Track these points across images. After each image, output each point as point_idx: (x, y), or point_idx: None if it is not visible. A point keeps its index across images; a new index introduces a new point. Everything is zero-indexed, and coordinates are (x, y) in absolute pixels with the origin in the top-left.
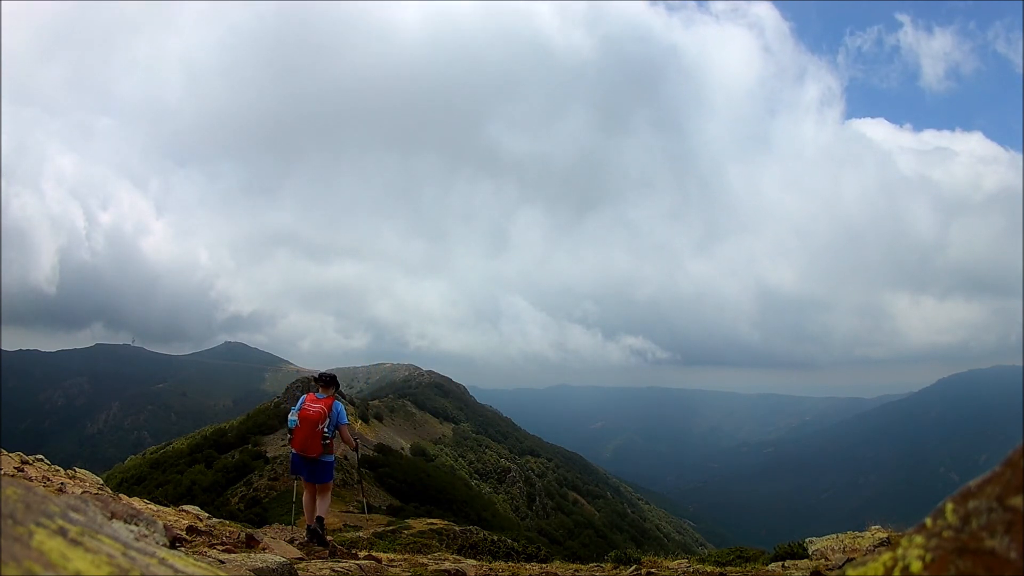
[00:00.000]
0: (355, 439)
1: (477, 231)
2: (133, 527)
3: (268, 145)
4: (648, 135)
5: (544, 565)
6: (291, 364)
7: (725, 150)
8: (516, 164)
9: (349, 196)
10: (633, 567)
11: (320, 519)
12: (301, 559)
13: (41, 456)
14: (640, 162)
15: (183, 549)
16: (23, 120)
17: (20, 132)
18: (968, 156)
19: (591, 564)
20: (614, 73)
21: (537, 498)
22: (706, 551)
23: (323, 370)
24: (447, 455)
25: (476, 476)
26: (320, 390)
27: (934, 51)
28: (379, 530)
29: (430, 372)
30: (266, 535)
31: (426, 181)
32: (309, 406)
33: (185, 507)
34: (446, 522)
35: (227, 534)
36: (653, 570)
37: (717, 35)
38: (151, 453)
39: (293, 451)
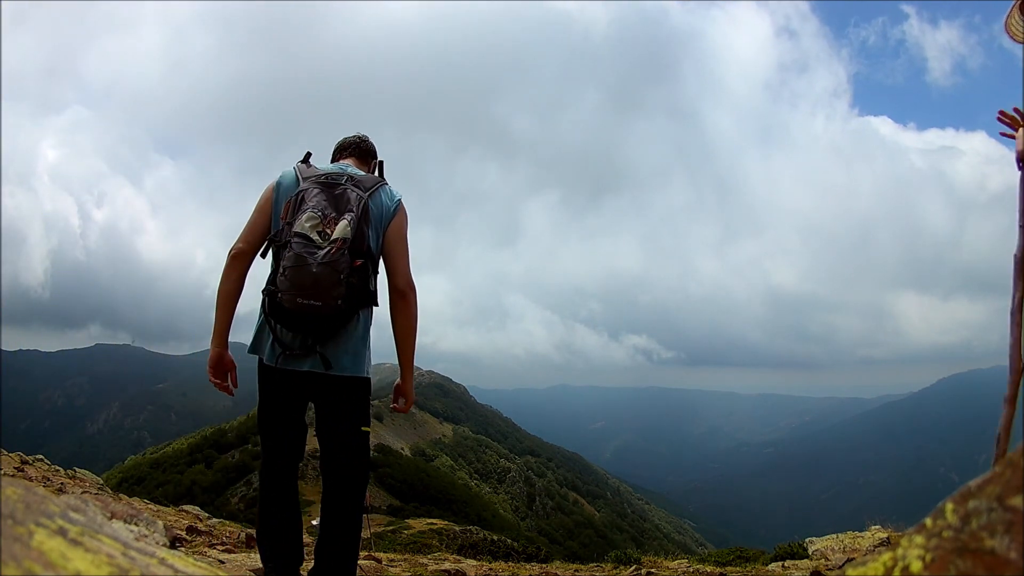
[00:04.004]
0: None
1: (481, 221)
2: (133, 527)
3: (258, 129)
4: (661, 120)
5: (544, 565)
6: None
7: (735, 140)
8: (525, 147)
9: None
10: (633, 567)
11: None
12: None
13: (41, 456)
14: (652, 150)
15: (183, 549)
16: (8, 114)
17: (10, 128)
18: (974, 155)
19: (591, 564)
20: (627, 51)
21: (537, 498)
22: (706, 551)
23: None
24: (447, 455)
25: (476, 476)
26: None
27: (940, 45)
28: (379, 530)
29: (430, 372)
30: None
31: (429, 165)
32: None
33: (185, 507)
34: (446, 522)
35: (227, 534)
36: (653, 570)
37: (733, 17)
38: (151, 453)
39: None
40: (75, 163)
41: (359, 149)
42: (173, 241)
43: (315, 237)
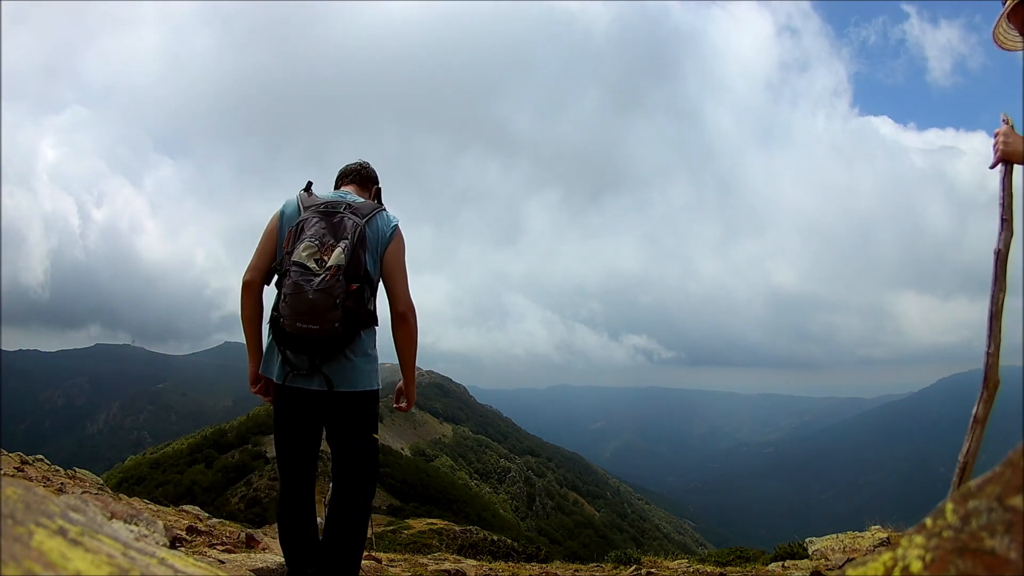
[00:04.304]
0: None
1: (482, 220)
2: (133, 527)
3: (258, 128)
4: (661, 119)
5: (544, 565)
6: None
7: (736, 139)
8: (526, 146)
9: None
10: (633, 567)
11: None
12: None
13: (41, 456)
14: (652, 149)
15: (183, 549)
16: (7, 113)
17: (10, 128)
18: (974, 155)
19: (591, 564)
20: (628, 50)
21: (537, 498)
22: (706, 551)
23: None
24: (447, 455)
25: (476, 476)
26: None
27: (940, 44)
28: (379, 530)
29: (430, 372)
30: (266, 535)
31: (429, 164)
32: None
33: (185, 507)
34: (446, 522)
35: (227, 534)
36: (653, 570)
37: (734, 15)
38: (151, 453)
39: None
40: (74, 163)
41: (360, 176)
42: (173, 241)
43: (312, 265)
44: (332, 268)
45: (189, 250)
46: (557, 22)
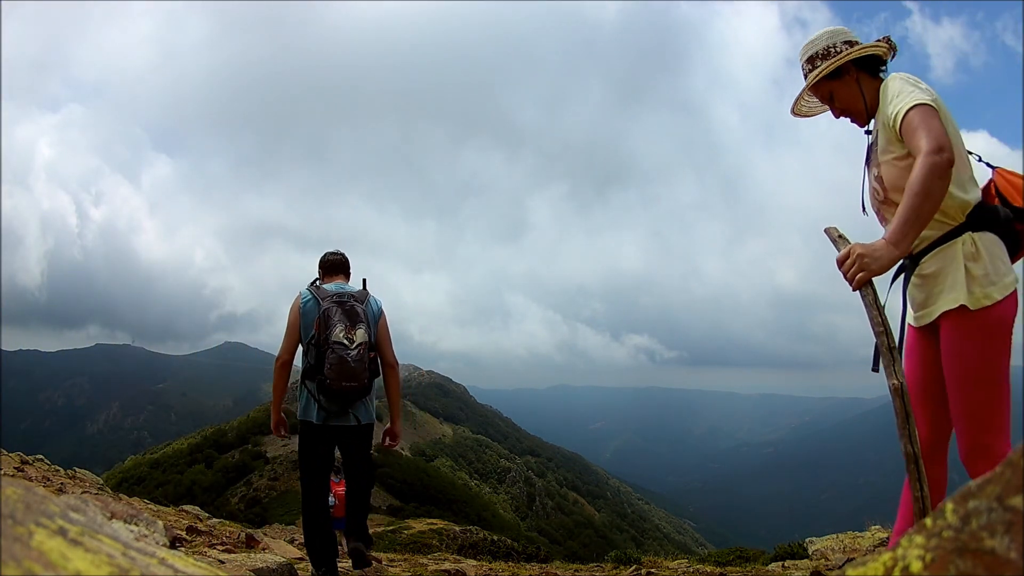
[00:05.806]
0: None
1: (484, 216)
2: (133, 527)
3: (257, 122)
4: (666, 114)
5: (544, 565)
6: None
7: (741, 136)
8: (530, 139)
9: (346, 181)
10: (633, 567)
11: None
12: (301, 559)
13: (41, 456)
14: (657, 145)
15: (183, 549)
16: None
17: (6, 126)
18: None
19: (591, 564)
20: (634, 43)
21: (537, 498)
22: (706, 551)
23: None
24: (447, 455)
25: (476, 476)
26: (336, 477)
27: (942, 42)
28: (379, 530)
29: (430, 372)
30: (266, 535)
31: (432, 157)
32: (339, 491)
33: (185, 507)
34: (446, 522)
35: (227, 534)
36: (653, 570)
37: (739, 11)
38: (151, 453)
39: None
40: (72, 161)
41: (344, 267)
42: (171, 240)
43: (345, 342)
44: (362, 344)
45: (187, 249)
46: (563, 13)
